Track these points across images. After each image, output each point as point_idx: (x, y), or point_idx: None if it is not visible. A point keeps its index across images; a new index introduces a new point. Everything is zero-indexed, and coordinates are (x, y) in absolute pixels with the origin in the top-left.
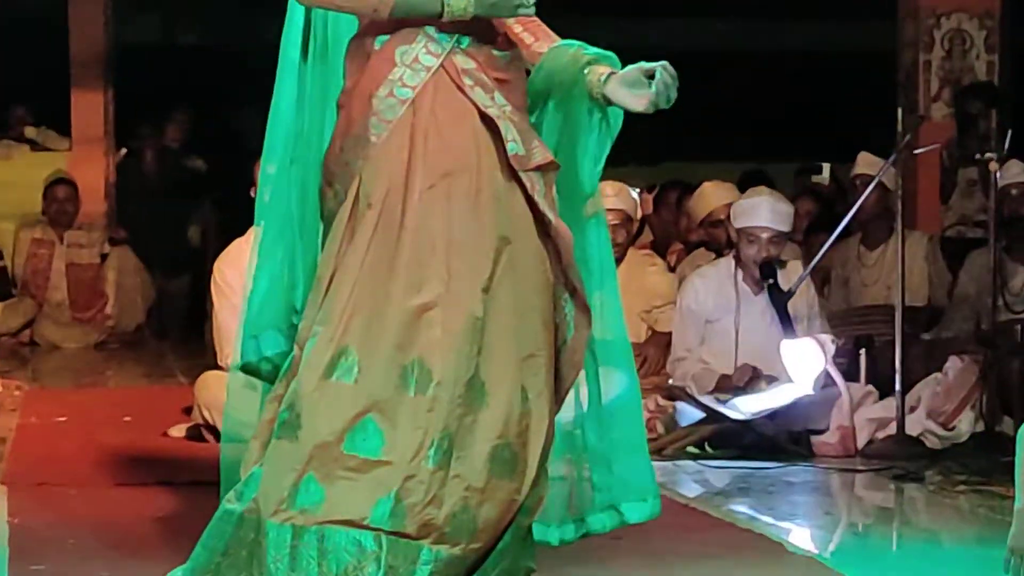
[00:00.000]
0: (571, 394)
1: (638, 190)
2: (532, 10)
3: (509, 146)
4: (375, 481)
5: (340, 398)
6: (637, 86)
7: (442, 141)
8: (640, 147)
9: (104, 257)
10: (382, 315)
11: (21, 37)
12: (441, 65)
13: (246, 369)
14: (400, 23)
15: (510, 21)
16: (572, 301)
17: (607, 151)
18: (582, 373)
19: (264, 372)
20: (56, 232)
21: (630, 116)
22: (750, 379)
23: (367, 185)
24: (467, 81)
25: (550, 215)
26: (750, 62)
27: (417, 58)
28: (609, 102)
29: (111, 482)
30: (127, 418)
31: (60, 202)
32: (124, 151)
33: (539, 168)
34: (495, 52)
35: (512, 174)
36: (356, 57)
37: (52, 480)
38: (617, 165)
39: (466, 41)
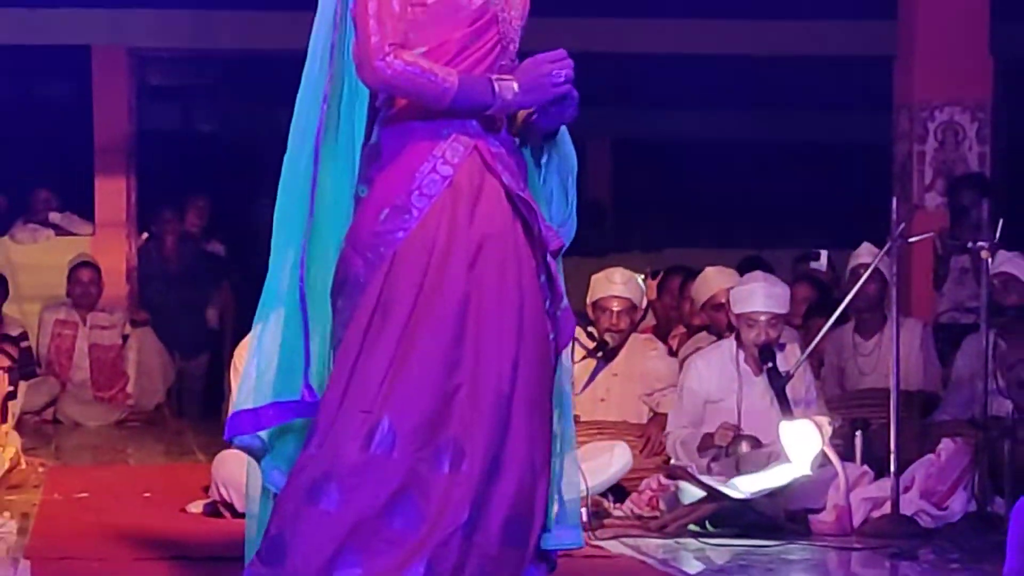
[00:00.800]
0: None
1: (642, 276)
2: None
3: (541, 228)
4: (411, 551)
5: (381, 470)
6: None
7: (479, 219)
8: (644, 234)
9: (125, 338)
10: (420, 390)
11: (47, 123)
12: (475, 147)
13: (240, 445)
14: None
15: None
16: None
17: (572, 188)
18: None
19: (256, 448)
20: (79, 314)
21: (632, 204)
22: (733, 438)
23: (406, 256)
24: (497, 165)
25: (565, 300)
26: (752, 152)
27: (458, 138)
28: (541, 126)
29: (131, 556)
30: (147, 494)
31: (84, 285)
32: (145, 236)
33: (560, 249)
34: (504, 146)
35: (533, 254)
36: (395, 133)
37: (74, 554)
38: (622, 251)
39: (479, 130)
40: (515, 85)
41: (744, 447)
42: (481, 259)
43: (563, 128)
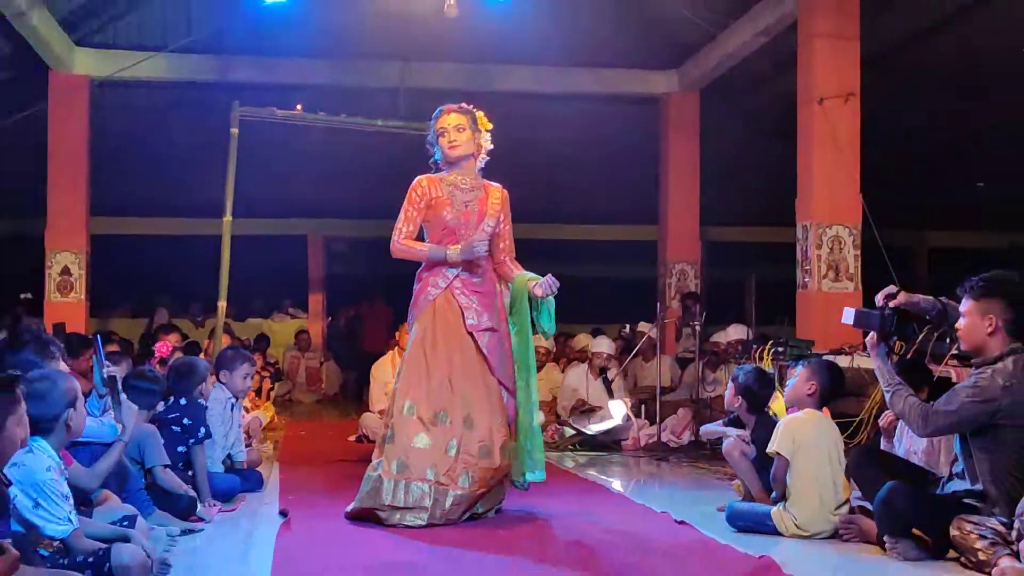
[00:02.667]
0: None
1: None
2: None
3: (468, 321)
4: (427, 460)
5: (409, 424)
6: (540, 286)
7: (444, 320)
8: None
9: (321, 363)
10: (428, 389)
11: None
12: (449, 283)
13: None
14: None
15: (502, 258)
16: (501, 385)
17: (551, 317)
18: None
19: None
20: (301, 353)
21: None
22: (585, 407)
23: (421, 327)
24: (457, 293)
25: (486, 351)
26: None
27: (442, 274)
28: (536, 295)
29: (323, 460)
30: (331, 432)
31: (303, 340)
32: (330, 319)
33: (485, 330)
34: (474, 278)
35: (469, 333)
36: (422, 268)
37: (298, 460)
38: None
39: (458, 271)
40: (456, 250)
41: (591, 410)
42: (445, 336)
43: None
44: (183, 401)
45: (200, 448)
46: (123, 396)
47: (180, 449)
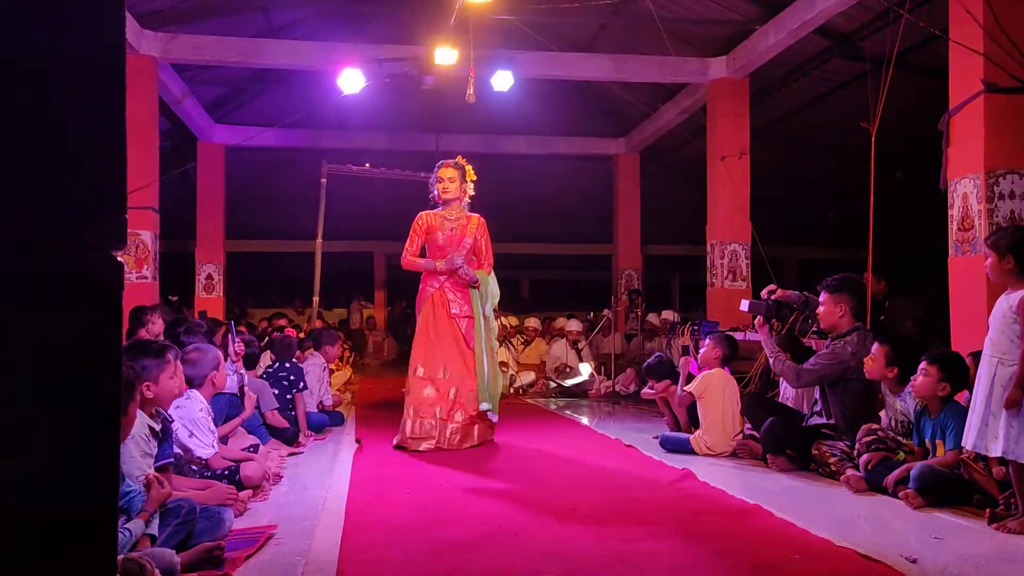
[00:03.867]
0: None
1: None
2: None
3: (452, 310)
4: (433, 404)
5: (419, 381)
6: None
7: (438, 309)
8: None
9: (383, 339)
10: (431, 356)
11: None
12: (441, 284)
13: None
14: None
15: (479, 263)
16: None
17: (482, 299)
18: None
19: None
20: (369, 331)
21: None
22: (564, 367)
23: (424, 315)
24: (447, 290)
25: (464, 331)
26: None
27: (435, 278)
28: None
29: (392, 403)
30: (391, 387)
31: (371, 322)
32: (390, 308)
33: (464, 317)
34: (459, 282)
35: (452, 318)
36: (423, 275)
37: (369, 407)
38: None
39: (445, 277)
40: (442, 263)
41: (567, 370)
42: (438, 316)
43: (489, 279)
44: (287, 365)
45: (300, 396)
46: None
47: (287, 396)
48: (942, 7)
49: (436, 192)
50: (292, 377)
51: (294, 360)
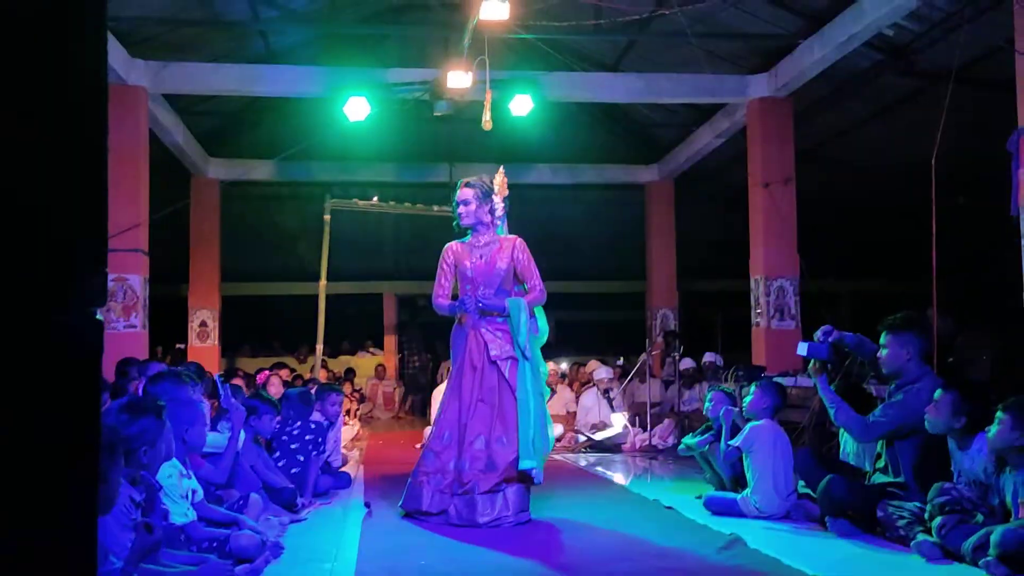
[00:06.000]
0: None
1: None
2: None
3: (491, 352)
4: (450, 470)
5: (438, 441)
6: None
7: (472, 353)
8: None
9: (394, 389)
10: (455, 412)
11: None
12: (474, 323)
13: None
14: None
15: (527, 288)
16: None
17: (518, 330)
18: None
19: None
20: (379, 381)
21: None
22: (601, 424)
23: (458, 360)
24: (482, 330)
25: (508, 376)
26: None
27: (467, 319)
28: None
29: (397, 461)
30: (401, 441)
31: (380, 372)
32: (400, 355)
33: (507, 359)
34: (497, 319)
35: (488, 356)
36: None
37: (379, 463)
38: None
39: (481, 315)
40: (468, 301)
41: (600, 425)
42: (471, 361)
43: (527, 309)
44: (312, 424)
45: (315, 459)
46: (235, 407)
47: (300, 458)
48: (1006, 15)
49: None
50: (318, 439)
51: (312, 416)
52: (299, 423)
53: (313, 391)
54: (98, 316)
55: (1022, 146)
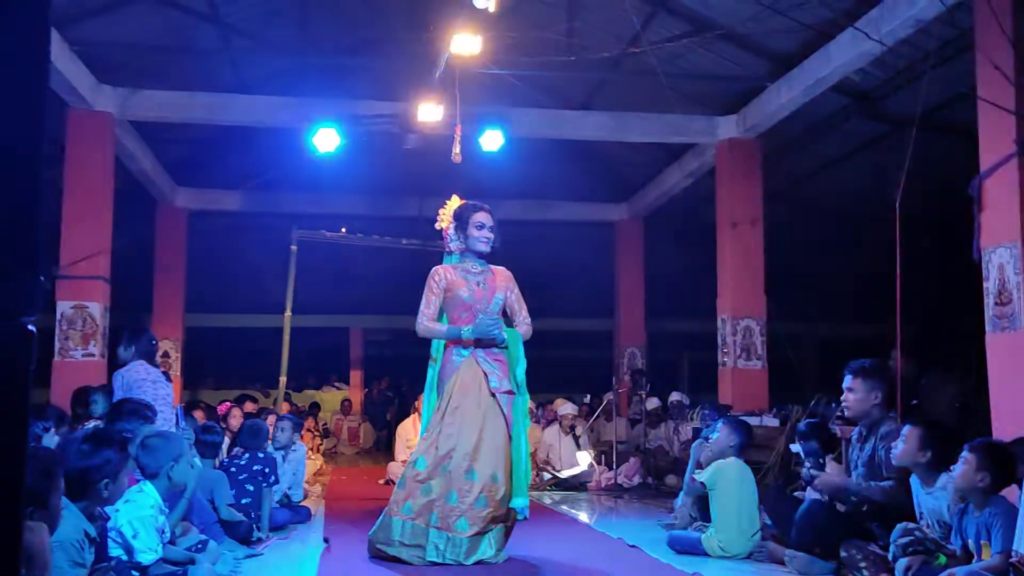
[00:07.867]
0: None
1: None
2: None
3: (491, 384)
4: (430, 506)
5: (418, 475)
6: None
7: (467, 383)
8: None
9: (359, 424)
10: (438, 445)
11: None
12: (471, 352)
13: None
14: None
15: (518, 321)
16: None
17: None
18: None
19: None
20: (344, 416)
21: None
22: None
23: (450, 389)
24: (480, 360)
25: (505, 410)
26: None
27: (462, 345)
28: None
29: (359, 496)
30: (365, 476)
31: (346, 406)
32: (366, 390)
33: (505, 392)
34: (494, 349)
35: (492, 395)
36: (447, 348)
37: (340, 496)
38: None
39: (473, 346)
40: (469, 328)
41: (573, 464)
42: (468, 397)
43: (516, 343)
44: (260, 454)
45: (269, 490)
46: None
47: (250, 488)
48: (969, 63)
49: (467, 239)
50: (266, 469)
51: (266, 448)
52: (247, 454)
53: (268, 421)
54: (30, 327)
55: (984, 191)
